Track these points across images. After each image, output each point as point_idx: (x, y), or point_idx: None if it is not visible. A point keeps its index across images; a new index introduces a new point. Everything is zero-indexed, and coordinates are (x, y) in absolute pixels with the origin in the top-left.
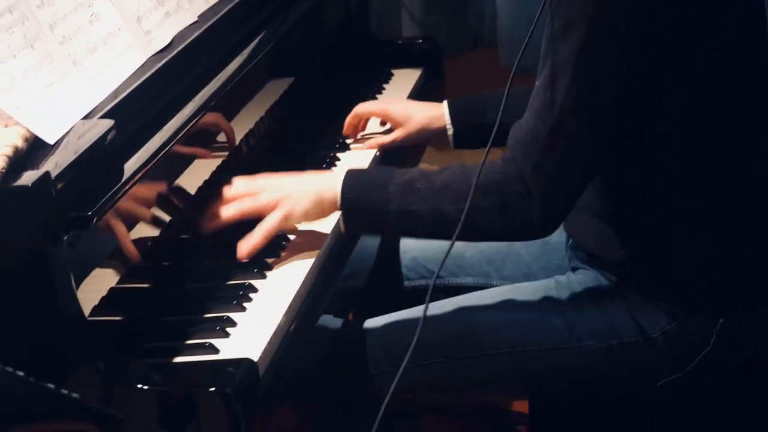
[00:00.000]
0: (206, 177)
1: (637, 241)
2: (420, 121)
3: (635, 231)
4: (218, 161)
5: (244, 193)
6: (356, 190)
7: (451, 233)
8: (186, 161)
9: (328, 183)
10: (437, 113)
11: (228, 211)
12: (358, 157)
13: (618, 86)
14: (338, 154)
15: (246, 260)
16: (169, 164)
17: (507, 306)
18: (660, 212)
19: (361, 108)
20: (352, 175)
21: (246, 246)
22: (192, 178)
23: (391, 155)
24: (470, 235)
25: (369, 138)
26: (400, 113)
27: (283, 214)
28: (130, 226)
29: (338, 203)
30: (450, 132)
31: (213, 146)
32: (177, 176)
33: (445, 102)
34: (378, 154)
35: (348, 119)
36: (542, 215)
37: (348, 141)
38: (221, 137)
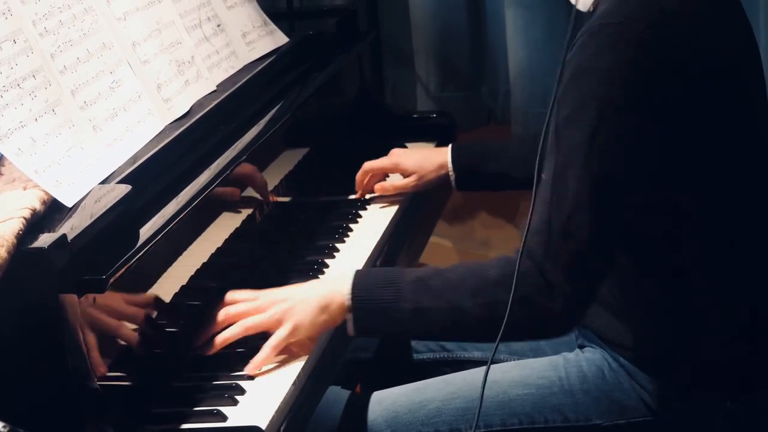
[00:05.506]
0: (219, 244)
1: (644, 324)
2: (431, 169)
3: (643, 315)
4: (233, 228)
5: (247, 311)
6: (366, 290)
7: (469, 329)
8: (203, 225)
9: (334, 286)
10: (444, 160)
11: (231, 332)
12: (377, 215)
13: (631, 171)
14: (351, 225)
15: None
16: (185, 228)
17: (515, 381)
18: (667, 296)
19: (370, 164)
20: (360, 275)
21: (254, 364)
22: (208, 243)
23: (414, 206)
24: (489, 332)
25: (385, 186)
26: (412, 165)
27: (289, 329)
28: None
29: (347, 305)
30: (452, 176)
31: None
32: (193, 240)
33: (450, 146)
34: (398, 209)
35: (358, 177)
36: (563, 308)
37: (361, 210)
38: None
